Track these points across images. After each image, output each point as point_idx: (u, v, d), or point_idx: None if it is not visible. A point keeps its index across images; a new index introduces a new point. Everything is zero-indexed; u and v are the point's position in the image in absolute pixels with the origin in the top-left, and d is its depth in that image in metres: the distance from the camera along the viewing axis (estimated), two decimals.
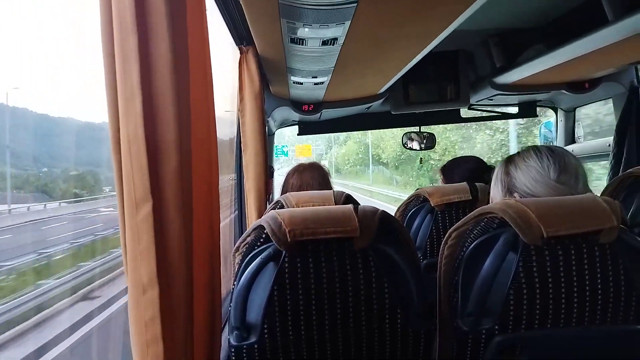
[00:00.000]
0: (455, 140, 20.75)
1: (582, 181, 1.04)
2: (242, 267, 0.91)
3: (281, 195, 1.66)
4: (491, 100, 2.57)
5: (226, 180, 2.28)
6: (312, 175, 1.85)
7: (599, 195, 0.97)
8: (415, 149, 2.98)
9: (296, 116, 2.72)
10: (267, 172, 1.94)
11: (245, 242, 0.95)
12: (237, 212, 2.26)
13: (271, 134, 2.80)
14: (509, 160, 1.13)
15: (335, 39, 1.33)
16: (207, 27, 0.71)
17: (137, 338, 0.60)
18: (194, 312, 0.66)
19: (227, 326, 0.97)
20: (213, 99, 0.72)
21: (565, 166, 1.04)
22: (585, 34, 1.52)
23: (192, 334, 0.66)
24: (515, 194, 1.08)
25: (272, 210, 0.96)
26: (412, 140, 2.96)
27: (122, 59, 0.56)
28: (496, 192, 1.15)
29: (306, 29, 1.23)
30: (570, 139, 2.84)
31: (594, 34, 1.49)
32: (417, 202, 1.77)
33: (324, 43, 1.36)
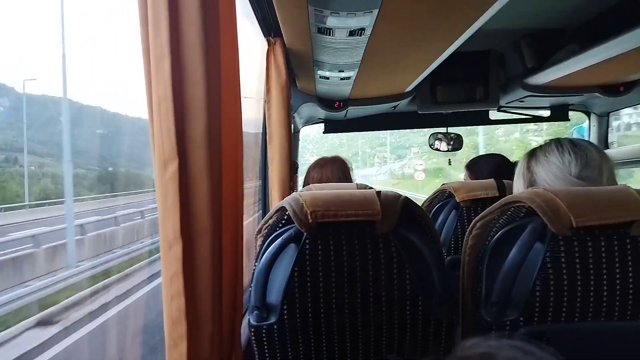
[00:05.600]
0: None
1: (606, 175, 1.01)
2: (263, 248, 0.92)
3: (303, 187, 1.67)
4: (522, 102, 2.52)
5: (250, 183, 2.30)
6: (332, 169, 1.86)
7: None
8: (443, 150, 2.94)
9: (322, 114, 2.72)
10: (292, 166, 1.95)
11: (267, 224, 0.95)
12: (260, 203, 2.28)
13: (297, 131, 2.82)
14: (531, 155, 1.11)
15: (362, 29, 1.33)
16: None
17: (165, 291, 0.63)
18: (222, 272, 0.67)
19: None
20: (239, 69, 0.74)
21: (587, 161, 1.01)
22: (620, 34, 1.48)
23: (220, 293, 0.67)
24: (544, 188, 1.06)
25: (295, 193, 0.97)
26: (439, 141, 2.93)
27: (154, 19, 0.57)
28: (518, 188, 1.13)
29: (333, 18, 1.23)
30: (604, 144, 2.76)
31: (629, 34, 1.45)
32: (442, 198, 1.75)
33: (351, 33, 1.36)
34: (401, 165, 47.48)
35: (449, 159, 3.28)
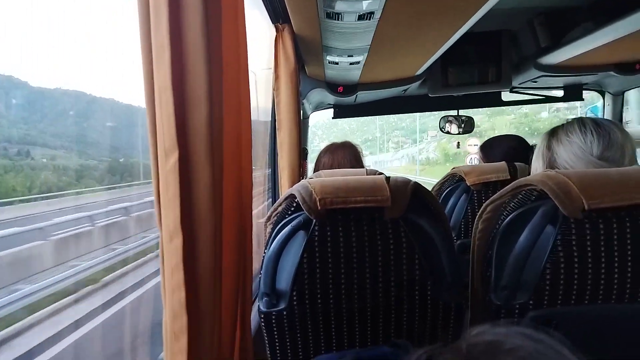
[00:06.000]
0: None
1: (628, 157, 0.99)
2: (272, 235, 0.92)
3: (314, 173, 1.67)
4: (535, 82, 2.48)
5: (260, 171, 2.30)
6: (344, 154, 1.86)
7: None
8: (454, 133, 2.92)
9: (331, 99, 2.71)
10: (301, 152, 1.95)
11: (277, 211, 0.96)
12: (270, 190, 2.29)
13: (306, 117, 2.81)
14: (552, 134, 1.09)
15: (371, 13, 1.31)
16: None
17: (166, 284, 0.63)
18: (223, 262, 0.67)
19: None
20: (246, 56, 0.73)
21: (610, 142, 0.99)
22: (636, 10, 1.44)
23: (221, 283, 0.67)
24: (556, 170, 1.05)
25: (304, 180, 0.97)
26: (450, 123, 2.90)
27: (155, 7, 0.57)
28: (537, 167, 1.11)
29: (342, 2, 1.22)
30: None
31: None
32: (452, 182, 1.74)
33: (360, 18, 1.35)
34: (419, 149, 46.23)
35: (458, 142, 3.25)
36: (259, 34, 1.84)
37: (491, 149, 2.00)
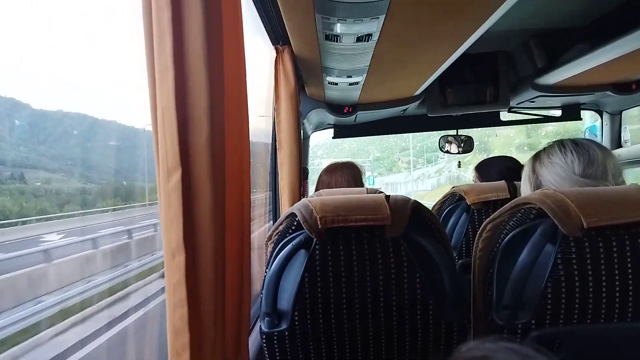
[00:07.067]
0: None
1: (611, 172, 1.01)
2: (273, 254, 0.92)
3: (315, 192, 1.68)
4: (532, 102, 2.50)
5: (261, 194, 2.30)
6: (342, 174, 1.87)
7: None
8: (453, 153, 2.93)
9: (331, 119, 2.73)
10: (302, 172, 1.96)
11: (278, 230, 0.96)
12: (271, 209, 2.29)
13: (306, 137, 2.83)
14: (535, 158, 1.12)
15: (369, 35, 1.34)
16: (240, 6, 0.73)
17: (169, 300, 0.63)
18: (226, 281, 0.68)
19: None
20: (245, 79, 0.74)
21: (590, 159, 1.02)
22: (631, 31, 1.47)
23: (223, 302, 0.68)
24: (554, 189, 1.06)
25: (304, 199, 0.97)
26: (450, 143, 2.92)
27: (158, 32, 0.58)
28: (525, 191, 1.13)
29: (341, 25, 1.24)
30: (617, 143, 2.73)
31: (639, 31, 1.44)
32: (452, 201, 1.74)
33: (359, 39, 1.37)
34: (439, 168, 42.66)
35: (459, 161, 3.26)
36: (259, 55, 1.87)
37: (487, 168, 2.01)
